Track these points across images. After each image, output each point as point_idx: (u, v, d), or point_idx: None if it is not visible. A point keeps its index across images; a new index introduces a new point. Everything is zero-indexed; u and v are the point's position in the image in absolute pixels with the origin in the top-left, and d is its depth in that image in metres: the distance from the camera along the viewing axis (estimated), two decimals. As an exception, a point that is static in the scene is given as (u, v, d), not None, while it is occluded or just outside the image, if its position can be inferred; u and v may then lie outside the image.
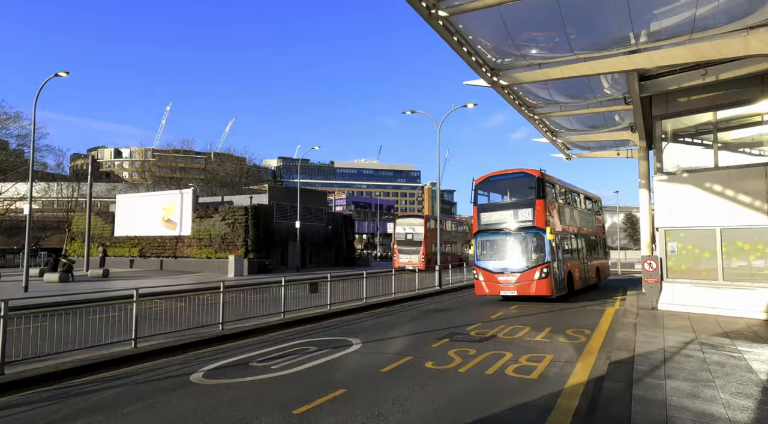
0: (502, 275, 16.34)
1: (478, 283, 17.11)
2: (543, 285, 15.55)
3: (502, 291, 16.31)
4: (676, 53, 11.39)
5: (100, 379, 7.44)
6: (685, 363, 7.41)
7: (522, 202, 16.69)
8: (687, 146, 15.10)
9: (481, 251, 17.28)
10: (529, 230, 16.09)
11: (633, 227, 74.70)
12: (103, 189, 65.44)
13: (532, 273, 15.74)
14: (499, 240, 16.86)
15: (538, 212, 15.95)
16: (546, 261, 15.61)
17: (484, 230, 17.23)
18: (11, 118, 44.93)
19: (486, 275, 16.79)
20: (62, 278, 23.74)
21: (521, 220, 16.31)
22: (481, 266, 17.09)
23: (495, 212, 17.19)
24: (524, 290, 15.83)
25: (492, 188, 18.15)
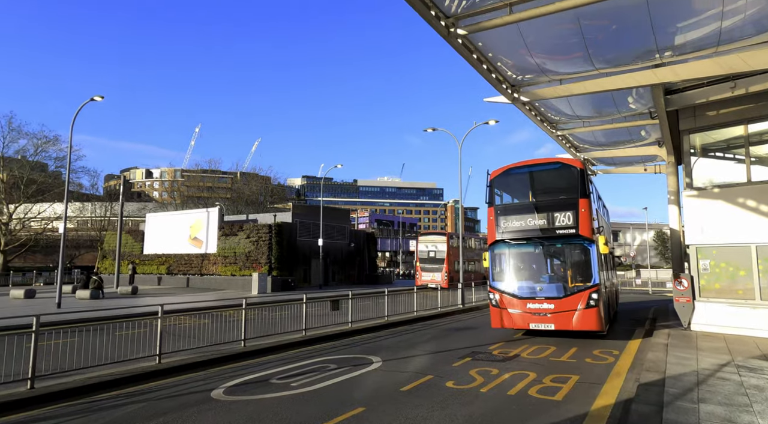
0: (533, 302, 12.07)
1: (495, 312, 12.59)
2: (591, 317, 11.39)
3: (532, 323, 11.98)
4: (703, 66, 11.17)
5: (124, 394, 7.56)
6: (720, 386, 7.05)
7: (559, 203, 12.20)
8: (718, 161, 14.65)
9: (500, 267, 12.91)
10: (571, 241, 11.96)
11: (664, 244, 72.45)
12: (134, 208, 67.55)
13: (576, 300, 11.56)
14: (527, 254, 12.78)
15: (583, 215, 11.68)
16: (594, 283, 11.53)
17: (505, 240, 12.75)
18: (50, 141, 47.28)
19: (508, 300, 12.41)
20: (93, 294, 24.40)
21: (559, 226, 11.99)
22: (500, 288, 12.63)
23: (520, 216, 12.60)
24: (564, 323, 11.62)
25: (514, 184, 13.62)
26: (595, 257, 11.59)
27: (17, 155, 48.64)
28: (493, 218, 12.96)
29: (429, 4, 9.57)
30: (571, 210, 11.81)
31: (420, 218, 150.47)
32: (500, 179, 13.28)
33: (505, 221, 12.72)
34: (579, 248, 11.97)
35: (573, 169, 12.25)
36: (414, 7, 9.25)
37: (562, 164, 12.66)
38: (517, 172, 13.27)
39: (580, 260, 12.03)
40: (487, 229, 13.23)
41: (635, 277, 47.87)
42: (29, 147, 47.31)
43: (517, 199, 13.72)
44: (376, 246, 51.73)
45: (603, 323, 11.75)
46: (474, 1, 9.97)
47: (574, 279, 12.01)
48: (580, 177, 11.96)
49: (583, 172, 12.02)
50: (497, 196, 13.30)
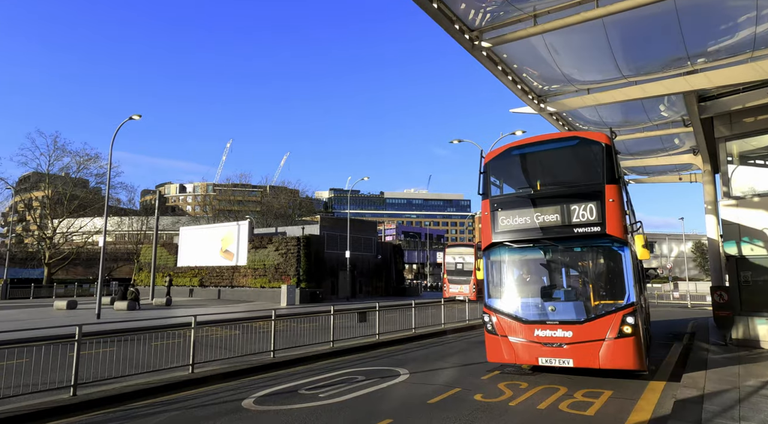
0: (542, 328, 8.80)
1: (492, 341, 9.41)
2: (626, 350, 8.17)
3: (541, 358, 8.75)
4: (738, 72, 10.89)
5: (158, 402, 7.81)
6: (763, 404, 6.73)
7: (578, 191, 8.98)
8: (757, 168, 14.11)
9: (497, 279, 9.79)
10: (596, 242, 8.84)
11: (703, 256, 69.54)
12: (168, 222, 69.88)
13: (604, 326, 8.34)
14: (534, 261, 9.80)
15: (612, 208, 8.47)
16: (629, 302, 8.34)
17: (504, 243, 9.51)
18: (92, 159, 49.62)
19: (508, 325, 9.16)
20: (130, 306, 25.27)
21: (578, 222, 8.72)
22: (497, 308, 9.43)
23: (524, 210, 9.31)
24: (587, 358, 8.40)
25: (517, 169, 10.41)
26: (629, 264, 8.47)
27: (61, 172, 51.25)
28: (488, 213, 9.62)
29: (453, 18, 9.71)
30: (594, 200, 8.56)
31: (447, 230, 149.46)
32: (498, 163, 10.08)
33: (505, 218, 9.45)
34: (607, 252, 8.88)
35: (596, 146, 9.10)
36: (439, 22, 9.41)
37: (581, 139, 9.62)
38: (520, 153, 10.12)
39: (608, 268, 9.04)
40: (481, 229, 9.92)
41: (673, 290, 46.01)
42: (72, 164, 49.84)
43: (520, 189, 10.40)
44: (403, 258, 51.67)
45: (644, 358, 8.48)
46: (498, 14, 10.07)
47: (599, 296, 8.89)
48: (607, 156, 8.77)
49: (611, 149, 8.83)
50: (494, 185, 10.16)
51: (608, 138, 9.10)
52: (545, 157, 10.08)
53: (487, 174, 9.91)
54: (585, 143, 9.45)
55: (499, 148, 10.23)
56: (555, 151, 9.98)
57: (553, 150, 9.98)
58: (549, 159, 10.06)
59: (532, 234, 9.19)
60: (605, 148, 8.92)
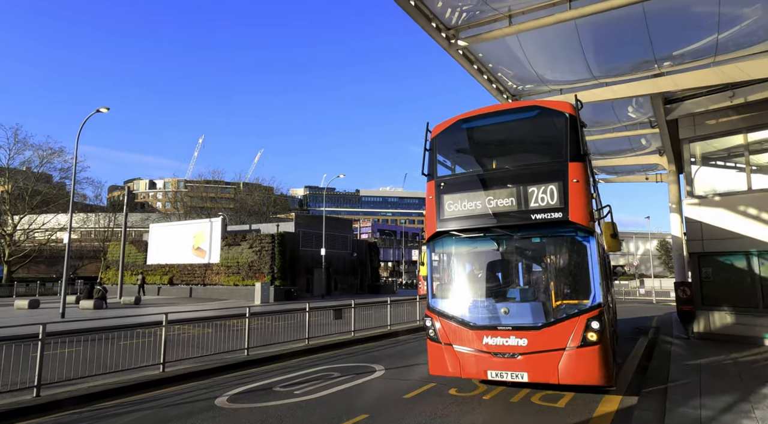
0: (492, 334, 7.30)
1: (434, 350, 7.84)
2: (590, 362, 6.76)
3: (491, 370, 7.21)
4: (701, 76, 11.33)
5: (128, 402, 7.61)
6: (723, 394, 7.05)
7: (536, 170, 7.64)
8: (718, 169, 14.72)
9: (442, 276, 8.35)
10: (556, 231, 7.41)
11: (667, 253, 72.21)
12: (138, 219, 67.93)
13: (564, 332, 6.94)
14: (485, 254, 8.21)
15: (576, 189, 7.16)
16: (595, 303, 6.96)
17: (450, 232, 8.01)
18: (55, 153, 47.76)
19: (454, 332, 7.64)
20: (97, 304, 24.50)
21: (536, 208, 7.34)
22: (441, 310, 7.90)
23: (474, 193, 7.84)
24: (544, 371, 6.93)
25: (469, 145, 8.98)
26: (595, 257, 7.07)
27: (22, 167, 49.15)
28: (432, 197, 8.15)
29: (430, 16, 9.77)
30: (555, 181, 7.23)
31: (423, 228, 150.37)
32: (446, 138, 8.52)
33: (452, 203, 7.94)
34: (569, 242, 7.44)
35: (558, 117, 7.68)
36: (416, 19, 9.44)
37: (541, 109, 8.10)
38: (472, 126, 8.56)
39: (571, 263, 7.56)
40: (425, 215, 8.41)
41: (639, 286, 47.59)
42: (34, 158, 47.87)
43: (473, 169, 8.89)
44: (379, 256, 51.73)
45: (611, 371, 6.97)
46: (474, 14, 10.19)
47: (561, 296, 7.47)
48: (571, 128, 7.43)
49: (575, 121, 7.46)
50: (443, 166, 8.66)
51: (573, 108, 7.63)
52: (501, 131, 8.64)
53: (433, 151, 8.42)
54: (546, 114, 7.99)
55: (448, 121, 8.52)
56: (512, 123, 8.48)
57: (510, 122, 8.50)
58: (505, 132, 8.67)
59: (483, 221, 7.66)
60: (569, 119, 7.51)
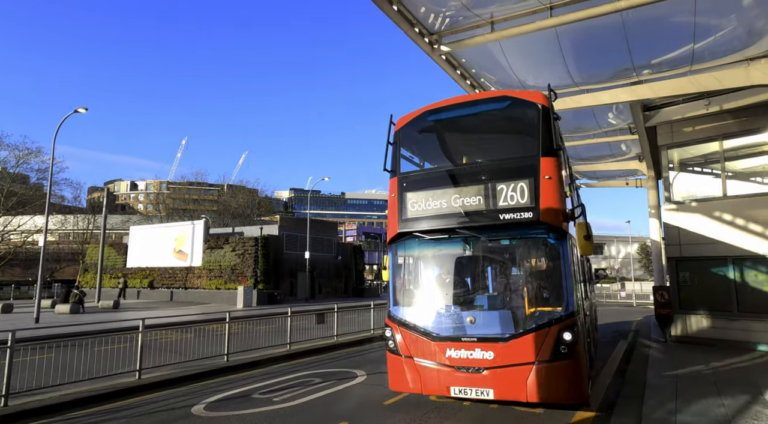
0: (456, 346, 6.67)
1: (394, 363, 7.21)
2: (560, 376, 6.24)
3: (454, 386, 6.62)
4: (678, 84, 11.59)
5: (101, 411, 7.41)
6: (698, 398, 7.16)
7: (505, 166, 7.14)
8: (696, 175, 15.05)
9: (404, 281, 7.70)
10: (527, 232, 6.88)
11: (648, 257, 73.51)
12: (118, 221, 66.59)
13: (534, 344, 6.35)
14: (450, 258, 7.60)
15: (547, 187, 6.65)
16: (568, 312, 6.42)
17: (414, 233, 7.40)
18: (32, 153, 46.53)
19: (414, 343, 7.02)
20: (73, 309, 23.90)
21: (505, 207, 6.79)
22: (402, 320, 7.27)
23: (440, 191, 7.29)
24: (511, 388, 6.37)
25: (434, 139, 8.58)
26: (568, 261, 6.56)
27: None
28: (395, 195, 7.57)
29: (413, 21, 9.79)
30: (526, 178, 6.69)
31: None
32: (411, 131, 7.98)
33: (415, 201, 7.37)
34: (541, 245, 6.94)
35: (530, 108, 7.12)
36: (398, 24, 9.45)
37: (512, 100, 7.53)
38: (439, 118, 8.03)
39: (542, 267, 7.06)
40: (388, 215, 7.72)
41: (620, 290, 48.40)
42: (10, 159, 46.49)
43: (440, 164, 8.39)
44: (364, 259, 51.62)
45: (585, 386, 6.42)
46: (457, 19, 10.24)
47: (531, 304, 6.82)
48: (543, 120, 6.89)
49: (548, 112, 6.95)
50: (408, 161, 8.07)
51: (546, 98, 7.06)
52: (470, 123, 8.02)
53: (397, 145, 7.81)
54: (517, 104, 7.44)
55: (413, 112, 7.96)
56: (481, 115, 7.88)
57: (480, 114, 7.88)
58: (474, 125, 8.05)
59: (448, 222, 7.06)
60: (541, 110, 6.94)
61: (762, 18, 9.58)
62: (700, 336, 12.78)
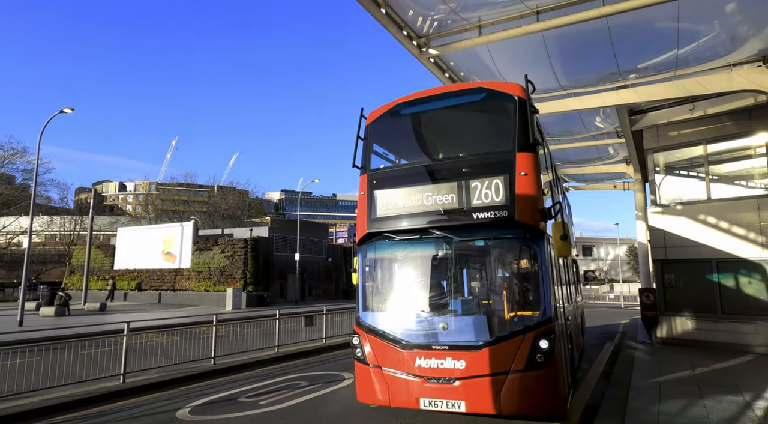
0: (426, 355, 6.21)
1: (362, 371, 6.67)
2: (535, 387, 5.81)
3: (424, 398, 6.10)
4: (663, 89, 11.75)
5: (84, 415, 7.31)
6: (681, 399, 7.25)
7: (479, 162, 6.69)
8: (681, 178, 15.25)
9: (373, 285, 7.18)
10: (502, 233, 6.45)
11: (636, 259, 74.22)
12: (106, 222, 65.80)
13: (507, 352, 5.92)
14: (421, 260, 7.02)
15: (523, 184, 6.24)
16: (545, 318, 6.02)
17: (383, 234, 6.93)
18: (18, 153, 45.87)
19: (383, 351, 6.52)
20: (58, 311, 23.57)
21: (478, 206, 6.37)
22: (370, 326, 6.76)
23: (411, 188, 6.86)
24: (484, 400, 5.85)
25: (407, 134, 8.01)
26: (546, 263, 6.13)
27: (-18, 167, 47.06)
28: (365, 193, 7.14)
29: (401, 24, 9.82)
30: (500, 174, 6.28)
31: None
32: (383, 125, 7.53)
33: (386, 199, 6.94)
34: (517, 246, 6.54)
35: (506, 101, 6.73)
36: (387, 28, 9.47)
37: (487, 92, 7.10)
38: (412, 112, 7.63)
39: (518, 269, 6.71)
40: (357, 215, 7.25)
41: (608, 291, 48.86)
42: (-5, 159, 45.84)
43: (413, 160, 7.73)
44: (354, 261, 51.51)
45: (562, 399, 5.96)
46: (445, 23, 10.29)
47: (506, 309, 6.43)
48: (520, 113, 6.47)
49: (525, 105, 6.47)
50: (380, 156, 7.72)
51: (522, 90, 6.59)
52: (444, 116, 7.58)
53: (368, 140, 7.37)
54: (492, 97, 7.01)
55: (385, 106, 7.54)
56: (456, 108, 7.46)
57: (454, 107, 7.47)
58: (449, 118, 7.62)
59: (420, 221, 6.61)
60: (518, 102, 6.52)
61: (744, 24, 9.75)
62: (685, 338, 12.93)
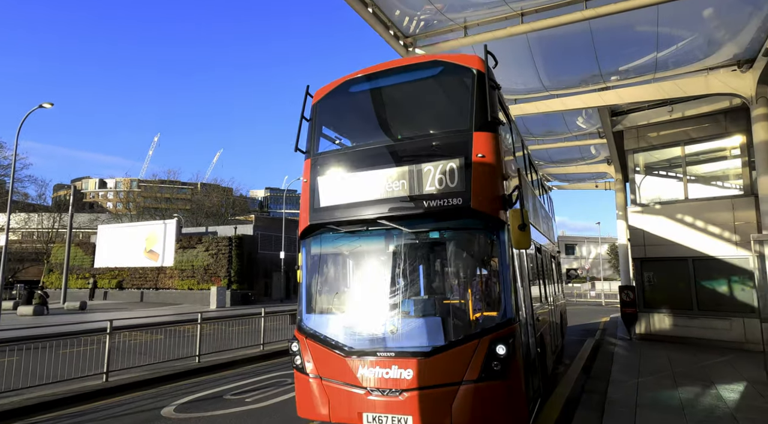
0: (370, 364, 5.29)
1: (301, 382, 5.74)
2: (491, 399, 4.93)
3: (367, 413, 5.18)
4: (643, 91, 12.05)
5: (66, 415, 7.24)
6: (657, 392, 7.49)
7: (431, 144, 5.76)
8: (660, 179, 15.63)
9: (316, 283, 6.29)
10: (456, 223, 5.56)
11: (617, 258, 75.62)
12: (86, 220, 64.51)
13: (460, 359, 5.04)
14: (371, 255, 6.08)
15: (482, 168, 5.41)
16: (505, 319, 5.14)
17: (327, 225, 6.05)
18: (-6, 148, 44.71)
19: (324, 359, 5.63)
20: (37, 310, 23.10)
21: (431, 193, 5.49)
22: (312, 331, 5.88)
23: (355, 174, 6.04)
24: (435, 415, 4.98)
25: (358, 113, 7.11)
26: (506, 257, 5.32)
27: (-44, 163, 45.77)
28: (308, 180, 6.32)
29: (388, 24, 9.89)
30: (455, 157, 5.48)
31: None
32: (331, 104, 6.75)
33: (330, 187, 6.15)
34: (474, 238, 5.71)
35: (463, 75, 5.90)
36: (374, 27, 9.53)
37: (444, 66, 6.22)
38: (363, 89, 6.71)
39: (476, 265, 5.81)
40: (300, 204, 6.42)
41: (590, 289, 49.75)
42: (-30, 154, 44.62)
43: (363, 143, 6.72)
44: (340, 259, 51.47)
45: (522, 412, 5.07)
46: (432, 23, 10.39)
47: (462, 309, 5.55)
48: (478, 88, 5.65)
49: (484, 79, 5.63)
50: (330, 140, 6.94)
51: (481, 62, 5.76)
52: (397, 94, 6.69)
53: (314, 121, 6.58)
54: (449, 71, 6.16)
55: (333, 83, 6.72)
56: (411, 84, 6.56)
57: (409, 83, 6.57)
58: (403, 96, 6.72)
59: (367, 211, 5.77)
60: (476, 76, 5.71)
61: (721, 29, 10.06)
62: (663, 334, 13.30)
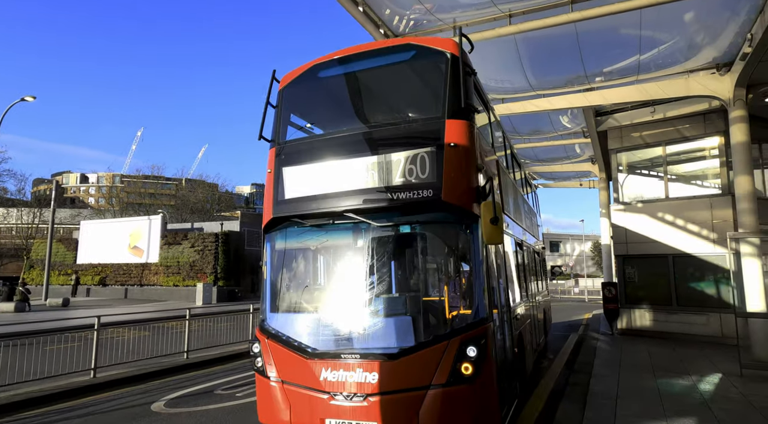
0: (334, 366, 4.93)
1: (262, 386, 5.38)
2: (460, 405, 4.59)
3: (330, 419, 4.81)
4: (626, 92, 12.33)
5: (55, 410, 7.22)
6: (637, 383, 7.76)
7: (402, 132, 5.43)
8: (643, 178, 16.01)
9: (279, 280, 6.04)
10: (426, 216, 5.26)
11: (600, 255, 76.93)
12: (67, 215, 63.35)
13: (428, 362, 4.70)
14: (338, 250, 5.95)
15: (453, 157, 5.06)
16: (477, 319, 4.81)
17: (291, 219, 5.76)
18: (-28, 141, 43.63)
19: (287, 361, 5.26)
20: (18, 307, 22.72)
21: (401, 184, 5.14)
22: (274, 331, 5.51)
23: (321, 164, 5.64)
24: (400, 422, 4.61)
25: (326, 100, 6.77)
26: (479, 252, 5.02)
27: (-68, 156, 44.55)
28: (273, 170, 5.97)
29: (378, 22, 9.97)
30: (426, 146, 5.18)
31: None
32: (299, 90, 6.37)
33: (295, 178, 5.78)
34: (446, 232, 5.51)
35: (437, 59, 5.58)
36: (364, 26, 9.61)
37: (417, 50, 5.86)
38: (333, 74, 6.31)
39: (447, 261, 5.65)
40: (264, 196, 6.14)
41: (574, 286, 50.58)
42: (-53, 147, 43.51)
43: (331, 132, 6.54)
44: (327, 256, 51.40)
45: (497, 416, 4.84)
46: (421, 22, 10.49)
47: (432, 308, 5.34)
48: (452, 73, 5.33)
49: (458, 63, 5.32)
50: (298, 128, 6.65)
51: (456, 45, 5.45)
52: (368, 79, 6.28)
53: (280, 108, 6.22)
54: (422, 55, 5.80)
55: (301, 67, 6.34)
56: (382, 69, 6.14)
57: (380, 68, 6.14)
58: (374, 82, 6.33)
59: (333, 203, 5.43)
60: (450, 60, 5.38)
61: (701, 33, 10.35)
62: (644, 329, 13.67)
